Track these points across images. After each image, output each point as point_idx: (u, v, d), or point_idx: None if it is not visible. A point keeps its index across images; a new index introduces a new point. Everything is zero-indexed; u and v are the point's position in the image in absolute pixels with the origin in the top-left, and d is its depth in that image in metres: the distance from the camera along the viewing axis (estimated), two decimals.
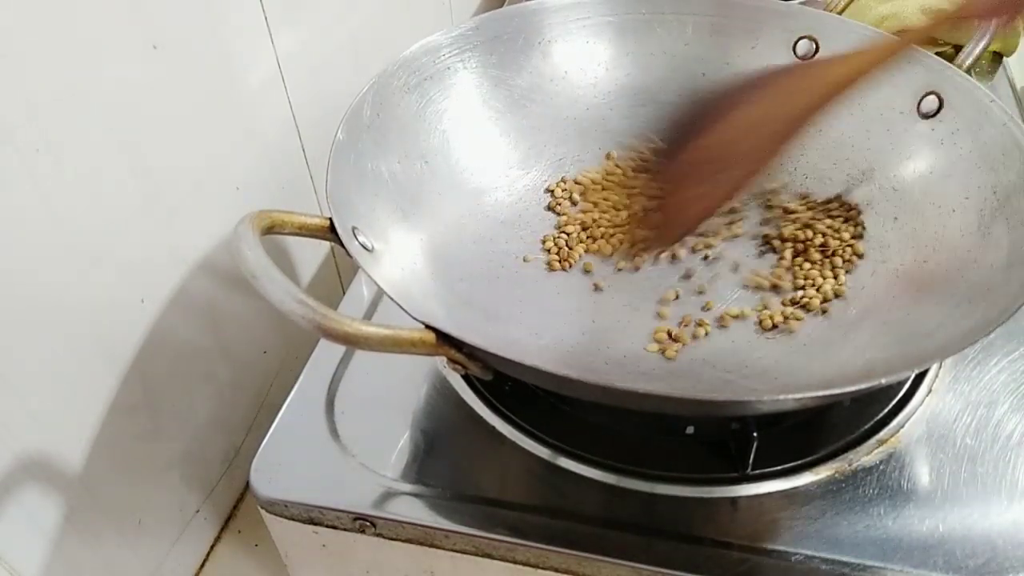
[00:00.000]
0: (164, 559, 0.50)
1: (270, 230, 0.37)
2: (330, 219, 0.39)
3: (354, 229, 0.40)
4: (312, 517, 0.41)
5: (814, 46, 0.55)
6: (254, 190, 0.52)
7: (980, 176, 0.46)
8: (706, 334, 0.46)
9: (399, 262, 0.44)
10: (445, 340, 0.34)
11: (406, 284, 0.43)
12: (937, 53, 0.56)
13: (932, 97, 0.49)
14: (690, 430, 0.44)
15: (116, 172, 0.40)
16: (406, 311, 0.35)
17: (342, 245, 0.39)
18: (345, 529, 0.41)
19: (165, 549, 0.50)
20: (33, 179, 0.36)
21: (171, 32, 0.42)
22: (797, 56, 0.56)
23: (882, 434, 0.42)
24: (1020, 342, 0.47)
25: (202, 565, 0.54)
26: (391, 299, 0.36)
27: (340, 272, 0.66)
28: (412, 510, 0.40)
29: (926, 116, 0.50)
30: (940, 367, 0.46)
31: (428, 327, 0.34)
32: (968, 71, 0.51)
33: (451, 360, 0.35)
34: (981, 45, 0.54)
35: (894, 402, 0.44)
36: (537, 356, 0.33)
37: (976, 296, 0.40)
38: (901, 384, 0.45)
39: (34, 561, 0.40)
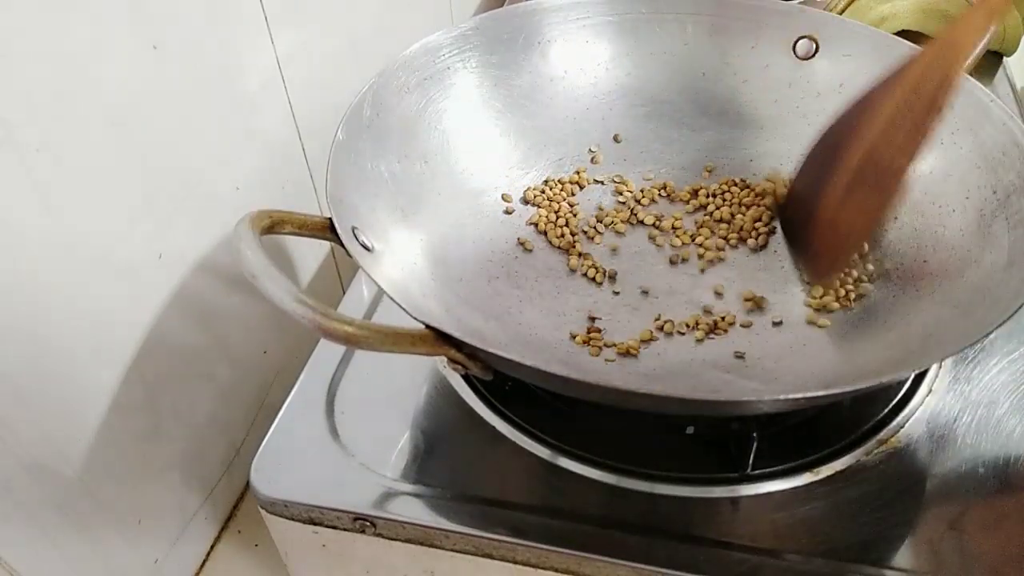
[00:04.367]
0: (164, 559, 0.50)
1: (270, 230, 0.38)
2: (330, 219, 0.39)
3: (354, 229, 0.40)
4: (312, 517, 0.41)
5: (814, 46, 0.55)
6: (254, 190, 0.52)
7: (980, 176, 0.46)
8: (706, 335, 0.46)
9: (399, 262, 0.44)
10: (444, 340, 0.34)
11: (406, 284, 0.43)
12: None
13: None
14: (690, 430, 0.43)
15: (116, 172, 0.40)
16: (406, 311, 0.35)
17: (342, 245, 0.39)
18: (345, 529, 0.41)
19: (165, 549, 0.50)
20: (33, 179, 0.36)
21: (171, 32, 0.42)
22: (797, 56, 0.56)
23: (882, 434, 0.42)
24: (1020, 342, 0.47)
25: (202, 565, 0.54)
26: (391, 299, 0.36)
27: (340, 272, 0.66)
28: (412, 510, 0.40)
29: None
30: (940, 367, 0.46)
31: (428, 327, 0.34)
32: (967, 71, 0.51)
33: (451, 360, 0.35)
34: (981, 45, 0.54)
35: (894, 402, 0.44)
36: (537, 356, 0.33)
37: (976, 296, 0.40)
38: (901, 384, 0.45)
39: (34, 561, 0.40)
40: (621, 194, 0.54)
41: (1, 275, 0.35)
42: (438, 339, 0.34)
